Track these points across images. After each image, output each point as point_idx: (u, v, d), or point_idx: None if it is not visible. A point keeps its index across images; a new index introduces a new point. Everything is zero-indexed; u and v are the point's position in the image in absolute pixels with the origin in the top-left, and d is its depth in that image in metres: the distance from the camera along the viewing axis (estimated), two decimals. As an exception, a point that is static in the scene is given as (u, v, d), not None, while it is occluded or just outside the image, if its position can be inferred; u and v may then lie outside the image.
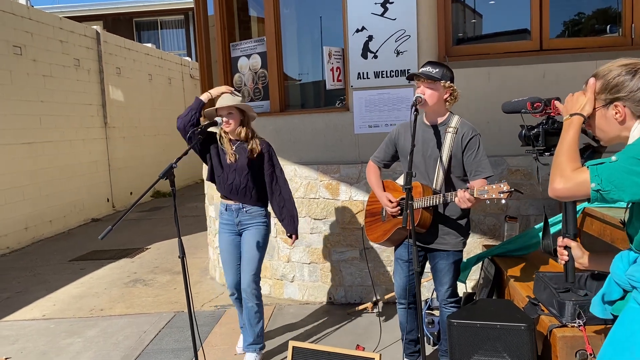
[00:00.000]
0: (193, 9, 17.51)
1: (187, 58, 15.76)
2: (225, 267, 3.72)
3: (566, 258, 2.02)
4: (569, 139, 1.72)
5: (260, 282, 4.84)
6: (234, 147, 3.56)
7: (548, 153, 2.12)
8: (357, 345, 3.11)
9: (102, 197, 10.36)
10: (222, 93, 3.54)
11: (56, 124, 8.95)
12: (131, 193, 11.43)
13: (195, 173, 14.26)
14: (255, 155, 3.53)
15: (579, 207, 3.71)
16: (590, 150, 1.93)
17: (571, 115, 1.75)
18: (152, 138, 12.63)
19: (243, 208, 3.60)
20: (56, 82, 9.02)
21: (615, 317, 1.78)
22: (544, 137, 2.08)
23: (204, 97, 3.59)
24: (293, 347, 2.95)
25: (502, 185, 2.73)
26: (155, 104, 12.86)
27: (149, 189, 2.89)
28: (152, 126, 12.64)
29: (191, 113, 3.53)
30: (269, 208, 3.68)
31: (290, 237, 3.67)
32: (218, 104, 3.53)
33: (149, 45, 13.48)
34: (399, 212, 3.18)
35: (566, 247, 2.02)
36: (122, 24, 17.75)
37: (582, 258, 2.00)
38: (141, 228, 8.81)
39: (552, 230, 3.67)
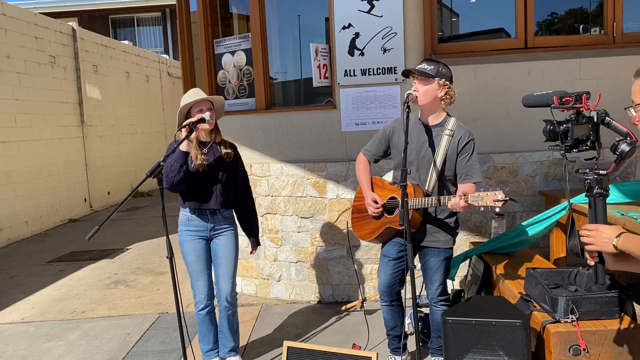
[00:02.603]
0: (170, 5, 17.08)
1: (165, 55, 15.54)
2: (196, 277, 3.40)
3: (597, 259, 1.92)
4: None
5: (246, 282, 4.79)
6: (205, 150, 3.33)
7: (576, 150, 2.06)
8: (354, 344, 3.09)
9: (79, 197, 10.15)
10: (191, 122, 3.16)
11: (32, 122, 8.73)
12: (109, 193, 11.23)
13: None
14: (230, 159, 3.37)
15: (565, 203, 3.75)
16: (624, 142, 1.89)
17: None
18: (130, 136, 12.43)
19: (218, 213, 3.40)
20: (31, 80, 8.80)
21: None
22: (573, 132, 2.02)
23: (185, 146, 3.21)
24: (288, 347, 2.90)
25: (497, 194, 2.72)
26: (132, 102, 12.65)
27: (138, 186, 2.82)
28: (129, 124, 12.44)
29: (182, 169, 3.20)
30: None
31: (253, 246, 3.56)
32: (189, 97, 3.28)
33: (126, 42, 13.24)
34: (381, 213, 3.18)
35: None
36: (97, 21, 17.42)
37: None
38: (120, 228, 8.66)
39: (543, 225, 3.70)
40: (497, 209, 2.73)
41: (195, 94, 3.36)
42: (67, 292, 5.56)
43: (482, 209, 2.76)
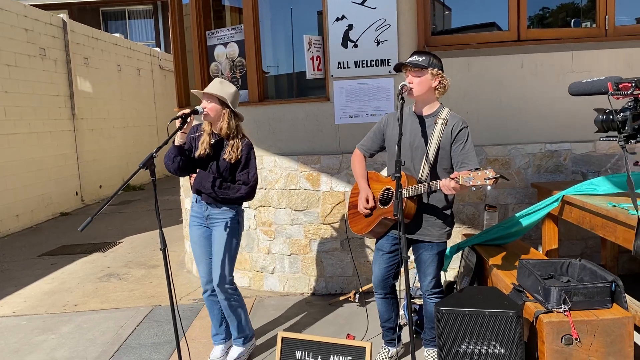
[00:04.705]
0: (164, -2, 16.41)
1: (157, 48, 15.43)
2: (197, 261, 3.54)
3: None
4: None
5: (240, 275, 4.76)
6: (212, 141, 3.36)
7: (634, 140, 1.92)
8: (348, 334, 3.10)
9: (70, 191, 10.08)
10: (183, 114, 3.20)
11: (22, 115, 8.65)
12: (100, 186, 11.17)
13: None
14: (232, 159, 3.31)
15: (557, 195, 3.78)
16: None
17: None
18: (121, 130, 12.36)
19: (213, 203, 3.41)
20: (21, 72, 8.71)
21: None
22: (632, 121, 1.91)
23: (178, 139, 3.29)
24: (282, 337, 2.91)
25: (487, 172, 2.68)
26: (124, 95, 12.57)
27: (131, 177, 2.80)
28: (121, 118, 12.36)
29: (175, 160, 3.30)
30: (244, 205, 3.53)
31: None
32: (205, 90, 3.35)
33: (117, 35, 13.14)
34: (370, 212, 3.19)
35: None
36: (88, 14, 17.27)
37: None
38: (112, 222, 8.62)
39: (535, 217, 3.72)
40: (489, 187, 2.70)
41: (212, 86, 3.35)
42: (59, 285, 5.53)
43: (474, 188, 2.74)
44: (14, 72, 8.51)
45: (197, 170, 3.41)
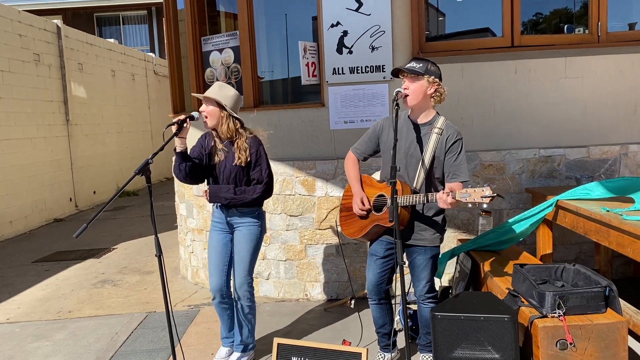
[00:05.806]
0: (156, 4, 16.95)
1: (151, 54, 15.43)
2: (211, 267, 3.54)
3: None
4: None
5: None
6: (222, 145, 3.39)
7: None
8: (344, 340, 3.10)
9: (64, 197, 10.05)
10: (179, 119, 3.25)
11: (16, 121, 8.62)
12: (94, 192, 11.13)
13: (160, 171, 14.02)
14: (242, 162, 3.33)
15: (551, 200, 3.80)
16: None
17: None
18: (115, 135, 12.33)
19: (232, 208, 3.44)
20: (15, 78, 8.69)
21: None
22: None
23: (178, 145, 3.33)
24: (278, 343, 2.91)
25: (484, 190, 2.70)
26: (118, 100, 12.55)
27: (127, 183, 2.80)
28: (115, 123, 12.34)
29: (181, 167, 3.34)
30: (264, 206, 3.55)
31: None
32: (205, 93, 3.37)
33: (112, 40, 13.13)
34: (366, 214, 3.19)
35: None
36: (82, 19, 17.24)
37: None
38: (106, 228, 8.59)
39: (530, 222, 3.74)
40: (485, 205, 2.74)
41: (209, 90, 3.37)
42: (53, 292, 5.50)
43: (470, 205, 2.76)
44: (7, 78, 8.48)
45: (208, 186, 3.46)
